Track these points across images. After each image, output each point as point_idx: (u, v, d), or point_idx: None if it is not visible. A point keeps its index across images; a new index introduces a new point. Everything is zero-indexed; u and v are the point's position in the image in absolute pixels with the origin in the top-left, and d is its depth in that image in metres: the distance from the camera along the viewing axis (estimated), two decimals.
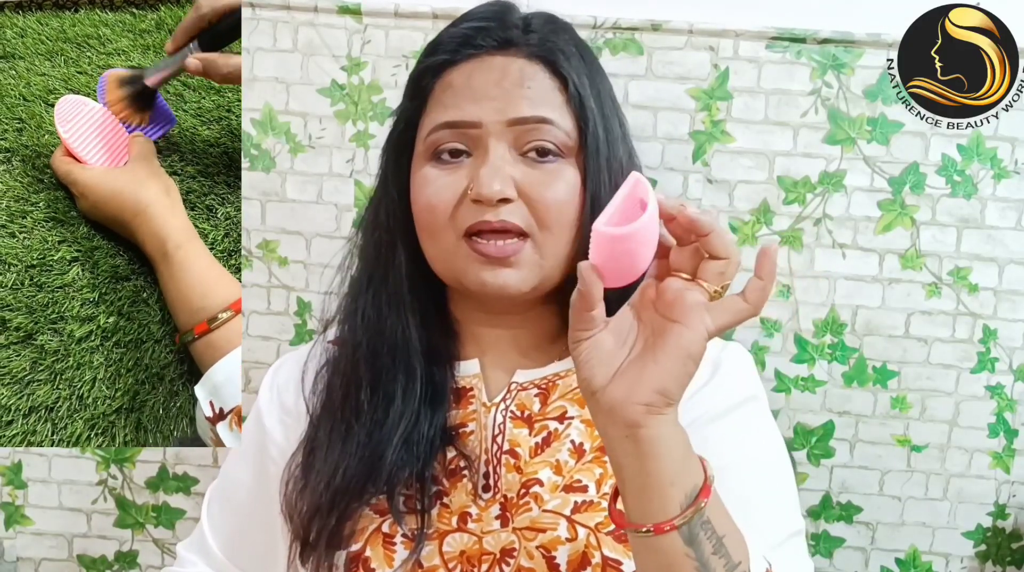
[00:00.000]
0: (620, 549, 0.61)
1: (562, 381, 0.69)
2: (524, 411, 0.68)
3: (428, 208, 0.66)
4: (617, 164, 0.68)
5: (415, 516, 0.63)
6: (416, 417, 0.67)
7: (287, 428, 0.73)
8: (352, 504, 0.64)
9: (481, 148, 0.65)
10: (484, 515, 0.64)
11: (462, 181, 0.65)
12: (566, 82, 0.67)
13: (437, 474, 0.66)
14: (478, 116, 0.65)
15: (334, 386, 0.71)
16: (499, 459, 0.66)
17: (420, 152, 0.68)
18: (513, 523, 0.63)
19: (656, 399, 0.48)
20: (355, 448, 0.66)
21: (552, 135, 0.65)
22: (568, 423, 0.67)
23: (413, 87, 0.70)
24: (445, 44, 0.68)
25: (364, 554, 0.63)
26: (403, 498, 0.64)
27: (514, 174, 0.64)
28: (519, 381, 0.69)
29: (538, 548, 0.62)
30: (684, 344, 0.49)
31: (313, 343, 0.77)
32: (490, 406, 0.68)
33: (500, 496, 0.65)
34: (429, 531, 0.63)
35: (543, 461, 0.65)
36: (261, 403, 0.75)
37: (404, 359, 0.68)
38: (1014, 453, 1.00)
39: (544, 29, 0.69)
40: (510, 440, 0.67)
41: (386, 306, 0.69)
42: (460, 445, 0.66)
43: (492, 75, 0.66)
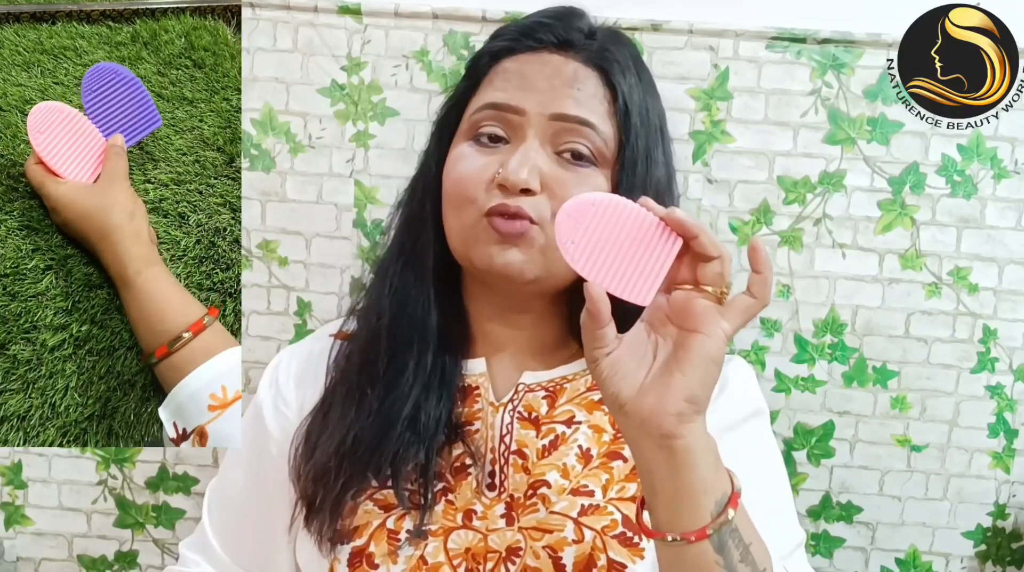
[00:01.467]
0: (625, 553, 0.61)
1: (570, 385, 0.69)
2: (531, 413, 0.68)
3: (457, 182, 0.67)
4: (653, 185, 0.68)
5: (418, 511, 0.64)
6: (426, 394, 0.67)
7: (287, 421, 0.73)
8: (357, 473, 0.65)
9: (519, 136, 0.66)
10: (489, 513, 0.64)
11: (495, 165, 0.66)
12: (616, 93, 0.67)
13: (442, 469, 0.66)
14: (523, 103, 0.66)
15: (353, 354, 0.71)
16: (507, 459, 0.66)
17: (462, 130, 0.69)
18: (519, 522, 0.64)
19: (686, 407, 0.50)
20: (367, 415, 0.67)
21: (591, 139, 0.66)
22: (576, 428, 0.67)
23: (470, 69, 0.72)
24: (508, 33, 0.70)
25: (368, 549, 0.63)
26: (407, 493, 0.64)
27: (543, 167, 0.65)
28: (527, 382, 0.70)
29: (544, 548, 0.62)
30: (706, 350, 0.50)
31: (314, 336, 0.77)
32: (498, 406, 0.68)
33: (506, 495, 0.65)
34: (433, 527, 0.63)
35: (550, 464, 0.66)
36: (260, 399, 0.75)
37: (420, 333, 0.69)
38: (1014, 453, 1.00)
39: (606, 39, 0.70)
40: (518, 440, 0.67)
41: (412, 278, 0.70)
42: (467, 442, 0.67)
43: (545, 69, 0.67)
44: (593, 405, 0.68)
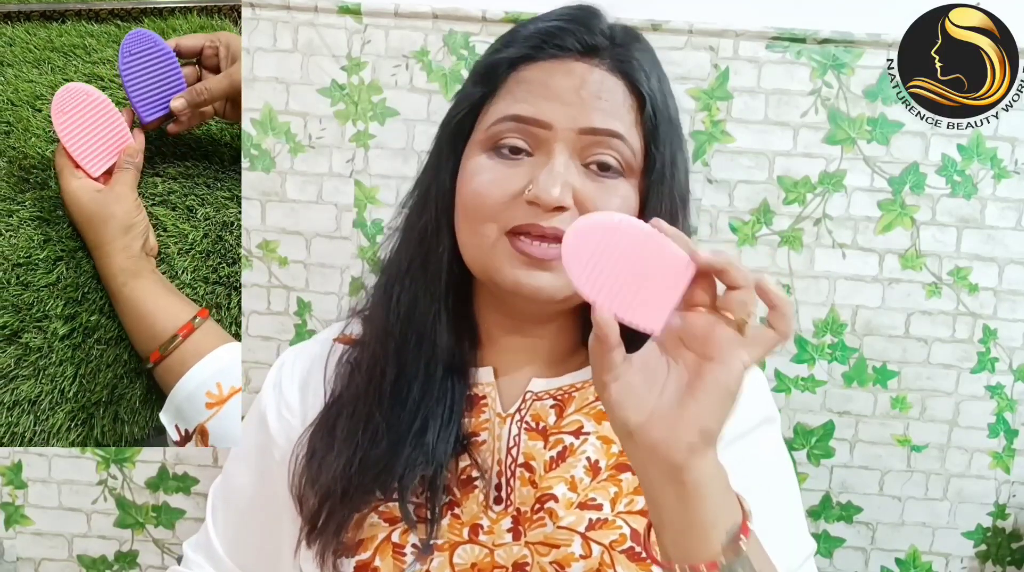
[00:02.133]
0: (634, 568, 0.60)
1: (578, 393, 0.68)
2: (539, 423, 0.66)
3: (476, 196, 0.63)
4: (679, 193, 0.66)
5: (425, 525, 0.62)
6: (434, 410, 0.65)
7: (289, 425, 0.72)
8: (365, 495, 0.63)
9: (545, 151, 0.63)
10: (496, 527, 0.63)
11: (519, 179, 0.63)
12: (643, 101, 0.64)
13: (449, 483, 0.64)
14: (551, 118, 0.62)
15: (358, 371, 0.69)
16: (513, 471, 0.65)
17: (478, 140, 0.65)
18: (526, 537, 0.62)
19: (698, 439, 0.48)
20: (374, 435, 0.65)
21: (619, 151, 0.63)
22: (584, 439, 0.66)
23: (483, 74, 0.67)
24: (528, 39, 0.66)
25: (373, 563, 0.62)
26: (413, 507, 0.63)
27: (574, 183, 0.62)
28: (534, 390, 0.68)
29: (552, 564, 0.61)
30: (723, 381, 0.48)
31: (316, 339, 0.76)
32: (505, 417, 0.67)
33: (513, 509, 0.64)
34: (439, 541, 0.63)
35: (558, 476, 0.64)
36: (264, 404, 0.75)
37: (429, 351, 0.67)
38: (1014, 453, 1.00)
39: (629, 43, 0.67)
40: (525, 453, 0.65)
41: (422, 293, 0.67)
42: (474, 454, 0.65)
43: (572, 81, 0.63)
44: (602, 415, 0.67)
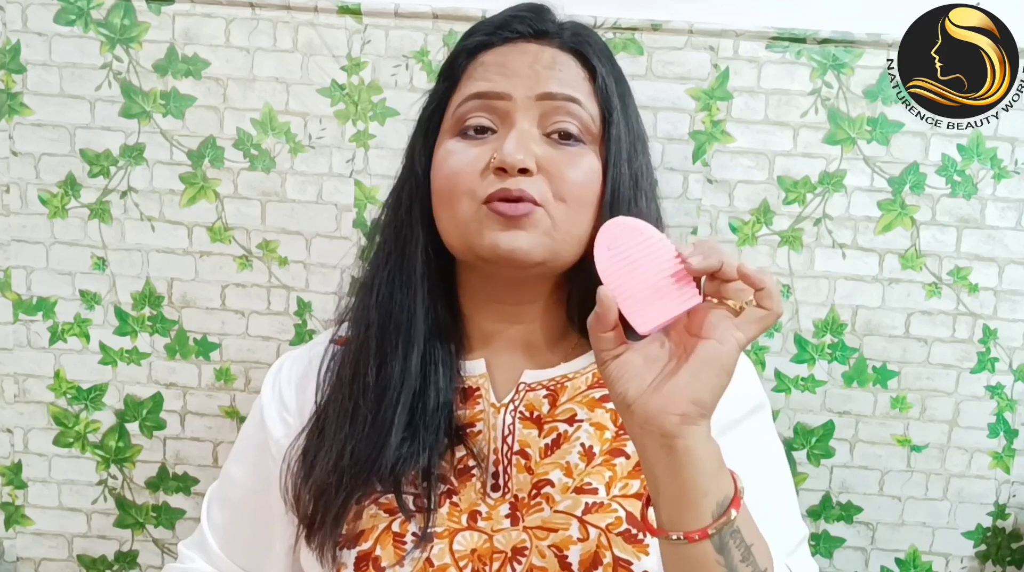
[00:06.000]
0: (630, 550, 0.61)
1: (571, 383, 0.69)
2: (533, 412, 0.68)
3: (450, 176, 0.67)
4: (636, 166, 0.69)
5: (423, 514, 0.64)
6: (420, 398, 0.67)
7: (288, 426, 0.73)
8: (359, 487, 0.64)
9: (508, 122, 0.67)
10: (494, 514, 0.65)
11: (487, 154, 0.66)
12: (595, 73, 0.69)
13: (446, 473, 0.66)
14: (507, 89, 0.66)
15: (344, 366, 0.71)
16: (510, 459, 0.66)
17: (447, 128, 0.69)
18: (524, 522, 0.64)
19: (691, 409, 0.51)
20: (362, 426, 0.67)
21: (577, 116, 0.67)
22: (577, 425, 0.67)
23: (446, 70, 0.72)
24: (482, 29, 0.71)
25: (374, 553, 0.63)
26: (411, 497, 0.64)
27: (537, 151, 0.65)
28: (527, 381, 0.70)
29: (550, 547, 0.62)
30: (718, 357, 0.51)
31: (314, 341, 0.76)
32: (499, 407, 0.68)
33: (510, 496, 0.65)
34: (439, 529, 0.63)
35: (553, 463, 0.66)
36: (263, 402, 0.75)
37: (407, 337, 0.68)
38: (1014, 453, 1.00)
39: (580, 31, 0.72)
40: (520, 441, 0.67)
41: (398, 284, 0.70)
42: (469, 444, 0.67)
43: (526, 58, 0.68)
44: (594, 403, 0.69)
